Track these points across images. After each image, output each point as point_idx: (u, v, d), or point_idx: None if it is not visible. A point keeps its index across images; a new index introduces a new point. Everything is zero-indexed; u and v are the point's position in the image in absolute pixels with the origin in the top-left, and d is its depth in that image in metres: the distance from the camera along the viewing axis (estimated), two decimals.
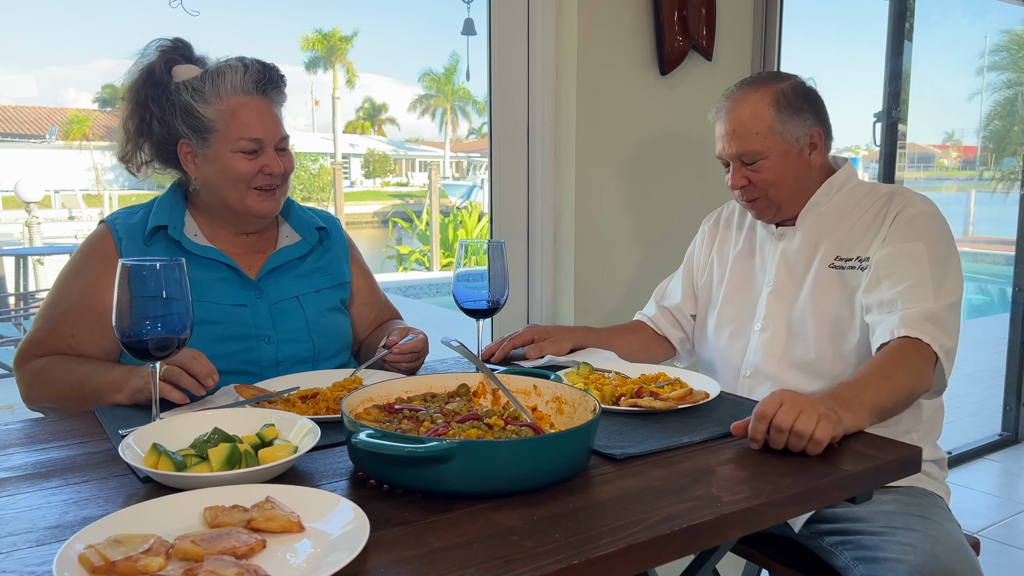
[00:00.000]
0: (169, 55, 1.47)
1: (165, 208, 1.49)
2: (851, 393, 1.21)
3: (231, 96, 1.42)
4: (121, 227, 1.46)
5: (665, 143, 2.35)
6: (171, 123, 1.45)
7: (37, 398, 1.40)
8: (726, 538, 0.93)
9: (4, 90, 22.68)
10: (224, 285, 1.46)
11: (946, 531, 1.33)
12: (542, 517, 0.89)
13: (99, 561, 0.73)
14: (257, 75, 1.44)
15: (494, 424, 1.04)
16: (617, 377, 1.40)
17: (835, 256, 1.54)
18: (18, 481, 0.99)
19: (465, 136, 33.28)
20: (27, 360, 1.41)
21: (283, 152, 1.47)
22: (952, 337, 1.37)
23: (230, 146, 1.42)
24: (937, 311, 1.37)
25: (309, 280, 1.57)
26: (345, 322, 1.62)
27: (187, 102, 1.43)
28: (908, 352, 1.33)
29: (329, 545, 0.80)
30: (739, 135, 1.54)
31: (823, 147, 1.58)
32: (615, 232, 2.29)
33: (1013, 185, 4.43)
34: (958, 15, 8.72)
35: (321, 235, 1.62)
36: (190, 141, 1.45)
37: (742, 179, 1.56)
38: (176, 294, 1.04)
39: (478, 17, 3.62)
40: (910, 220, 1.48)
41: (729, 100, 1.58)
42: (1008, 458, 3.68)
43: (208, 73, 1.44)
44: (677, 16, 2.25)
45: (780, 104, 1.52)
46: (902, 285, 1.40)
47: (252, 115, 1.42)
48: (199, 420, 1.08)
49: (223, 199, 1.46)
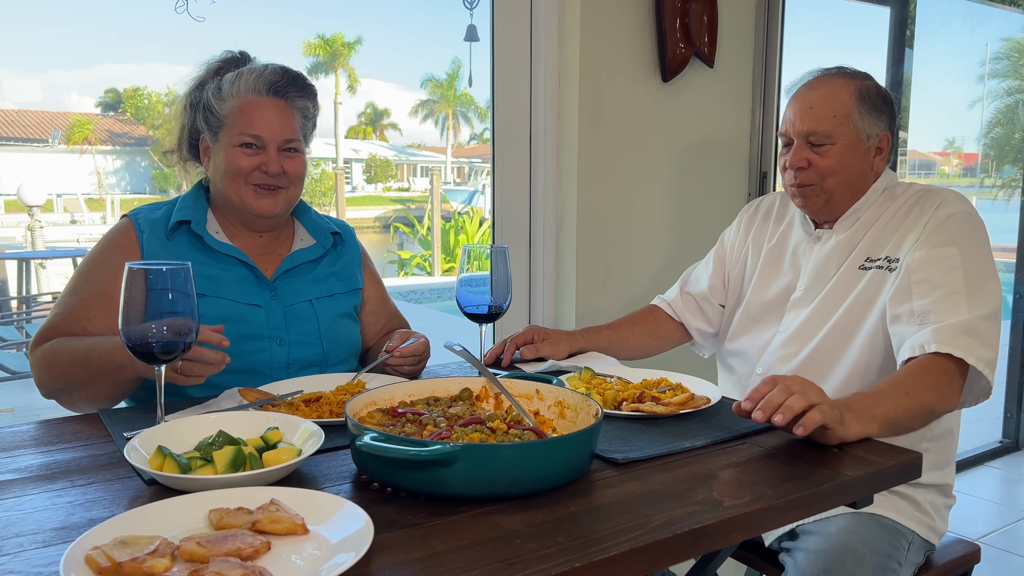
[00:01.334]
0: (222, 64, 1.54)
1: (189, 204, 1.52)
2: (865, 403, 1.19)
3: (244, 95, 1.45)
4: (143, 221, 1.48)
5: (667, 150, 2.35)
6: (196, 119, 1.51)
7: (48, 379, 1.37)
8: (727, 542, 0.93)
9: (8, 94, 22.74)
10: (241, 284, 1.48)
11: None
12: (545, 520, 0.89)
13: (105, 562, 0.74)
14: (273, 76, 1.46)
15: (497, 428, 1.04)
16: (619, 382, 1.41)
17: (866, 257, 1.50)
18: (24, 483, 1.00)
19: (467, 142, 33.33)
20: (40, 344, 1.40)
21: (289, 154, 1.48)
22: (991, 347, 1.31)
23: (232, 140, 1.45)
24: (972, 322, 1.31)
25: (323, 284, 1.58)
26: (355, 328, 1.63)
27: (208, 99, 1.48)
28: (934, 370, 1.28)
29: (333, 547, 0.81)
30: (816, 113, 1.49)
31: (887, 155, 1.54)
32: (617, 237, 2.29)
33: (1014, 192, 4.43)
34: (959, 23, 8.75)
35: (335, 240, 1.64)
36: (206, 136, 1.50)
37: (803, 160, 1.50)
38: (182, 297, 1.05)
39: (481, 23, 3.62)
40: (944, 221, 1.42)
41: (813, 78, 1.54)
42: (1009, 465, 3.68)
43: (233, 73, 1.48)
44: (679, 23, 2.26)
45: (863, 97, 1.49)
46: (934, 295, 1.35)
47: (258, 113, 1.45)
48: (204, 423, 1.09)
49: (225, 194, 1.49)
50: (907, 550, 1.41)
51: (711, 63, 2.36)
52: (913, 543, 1.43)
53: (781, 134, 1.57)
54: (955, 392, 1.30)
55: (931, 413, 1.28)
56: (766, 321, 1.62)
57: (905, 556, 1.39)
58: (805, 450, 1.13)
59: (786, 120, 1.55)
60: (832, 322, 1.50)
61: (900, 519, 1.44)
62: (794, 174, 1.53)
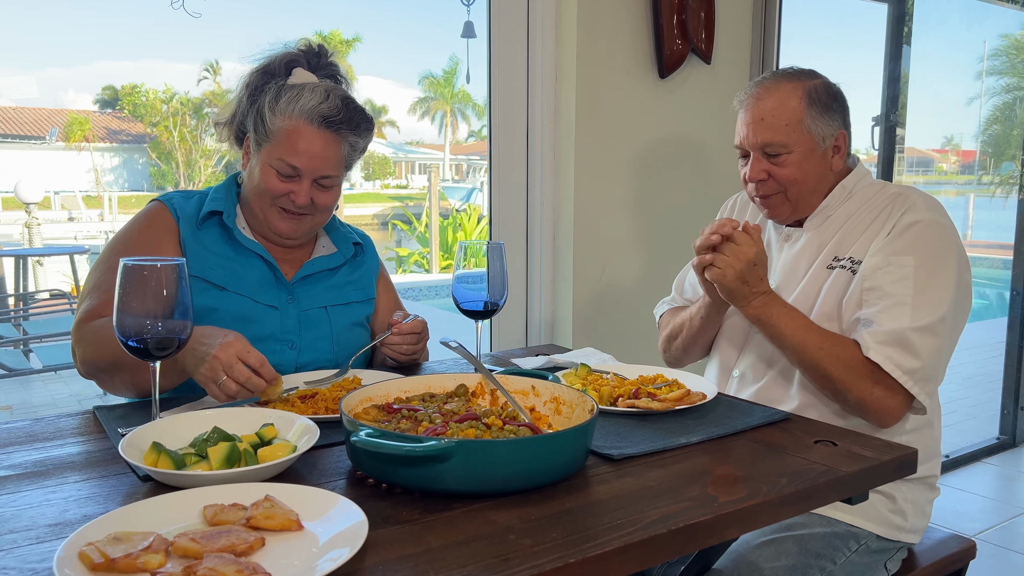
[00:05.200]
0: (294, 56, 1.51)
1: (221, 196, 1.52)
2: (781, 315, 1.41)
3: (297, 118, 1.42)
4: (178, 207, 1.48)
5: (664, 146, 2.35)
6: (248, 116, 1.49)
7: (94, 358, 1.33)
8: (722, 538, 0.94)
9: (4, 91, 22.67)
10: (261, 283, 1.48)
11: None
12: (540, 516, 0.89)
13: (99, 558, 0.74)
14: (330, 110, 1.43)
15: (492, 424, 1.04)
16: (615, 378, 1.41)
17: (833, 256, 1.49)
18: (18, 479, 1.00)
19: (465, 139, 33.29)
20: (88, 321, 1.35)
21: (324, 188, 1.47)
22: (918, 358, 1.32)
23: (271, 159, 1.43)
24: (904, 331, 1.32)
25: (340, 292, 1.58)
26: (366, 337, 1.63)
27: (263, 104, 1.45)
28: (857, 358, 1.34)
29: (327, 543, 0.81)
30: (767, 124, 1.47)
31: (845, 151, 1.52)
32: (614, 234, 2.29)
33: (1012, 190, 4.44)
34: (956, 19, 8.73)
35: (356, 250, 1.64)
36: (251, 138, 1.49)
37: (761, 172, 1.49)
38: (177, 294, 1.05)
39: (478, 20, 3.61)
40: (906, 229, 1.41)
41: (759, 87, 1.50)
42: (1005, 462, 3.69)
43: (294, 88, 1.45)
44: (676, 20, 2.26)
45: (811, 100, 1.47)
46: (880, 304, 1.36)
47: (303, 143, 1.42)
48: (199, 419, 1.09)
49: (251, 203, 1.49)
50: (852, 551, 1.39)
51: (708, 59, 2.36)
52: (867, 546, 1.41)
53: (736, 146, 1.55)
54: (870, 395, 1.34)
55: (829, 383, 1.37)
56: (738, 319, 1.60)
57: (846, 557, 1.38)
58: (800, 446, 1.14)
59: (739, 133, 1.53)
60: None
61: (853, 520, 1.42)
62: (755, 187, 1.52)
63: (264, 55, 1.53)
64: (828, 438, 1.17)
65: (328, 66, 1.56)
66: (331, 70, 1.56)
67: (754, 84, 1.53)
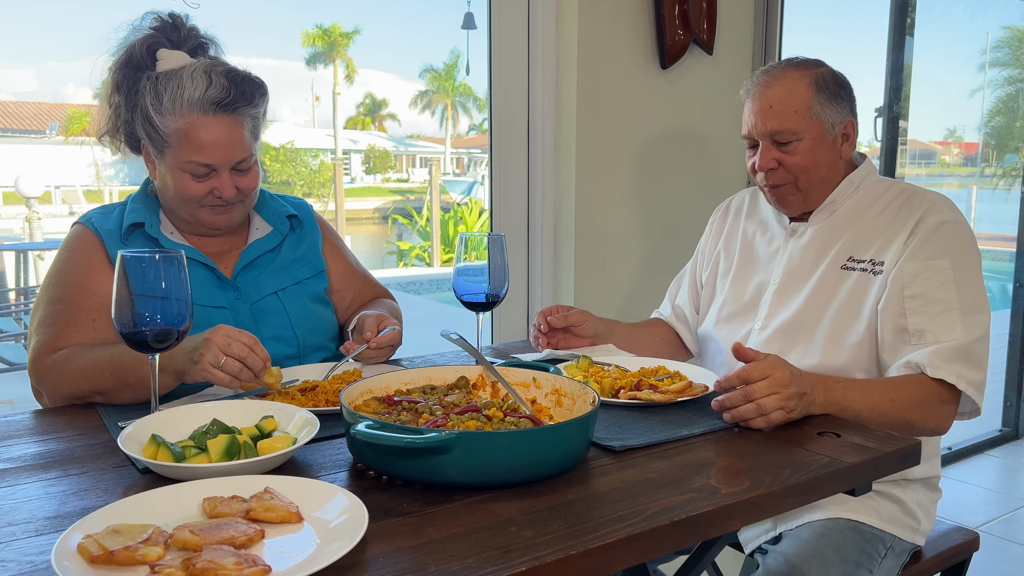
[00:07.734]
0: (152, 37, 1.38)
1: (140, 206, 1.44)
2: (844, 396, 1.24)
3: (188, 113, 1.32)
4: (98, 224, 1.41)
5: (666, 137, 2.34)
6: (135, 120, 1.38)
7: (67, 389, 1.27)
8: (724, 530, 0.93)
9: (4, 85, 22.65)
10: (202, 287, 1.42)
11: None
12: (541, 508, 0.89)
13: (98, 551, 0.73)
14: (220, 92, 1.33)
15: (493, 416, 1.04)
16: (617, 370, 1.40)
17: (848, 257, 1.47)
18: (17, 472, 1.00)
19: (466, 132, 33.23)
20: (45, 356, 1.30)
21: (243, 172, 1.40)
22: (981, 369, 1.33)
23: (179, 164, 1.35)
24: (968, 345, 1.32)
25: (287, 273, 1.52)
26: (328, 312, 1.58)
27: (147, 108, 1.34)
28: (928, 389, 1.31)
29: (328, 535, 0.80)
30: (775, 112, 1.45)
31: (854, 139, 1.50)
32: (616, 226, 2.29)
33: (1014, 182, 4.42)
34: (959, 10, 8.70)
35: (292, 223, 1.57)
36: (148, 146, 1.40)
37: (771, 161, 1.47)
38: (175, 285, 1.04)
39: (478, 11, 3.61)
40: (935, 231, 1.39)
41: (766, 76, 1.49)
42: (1008, 453, 3.68)
43: (172, 80, 1.33)
44: (678, 10, 2.24)
45: (819, 87, 1.45)
46: (928, 312, 1.35)
47: (206, 138, 1.33)
48: (198, 412, 1.08)
49: (175, 210, 1.43)
50: (883, 556, 1.40)
51: (710, 50, 2.34)
52: (892, 548, 1.42)
53: (744, 136, 1.53)
54: (943, 416, 1.33)
55: (910, 427, 1.30)
56: (743, 317, 1.59)
57: (880, 563, 1.38)
58: (803, 437, 1.13)
59: (747, 122, 1.51)
60: (822, 327, 1.46)
61: (881, 524, 1.42)
62: (765, 176, 1.50)
63: (119, 45, 1.39)
64: (831, 429, 1.16)
65: (192, 36, 1.42)
66: (196, 39, 1.43)
67: (760, 73, 1.52)
